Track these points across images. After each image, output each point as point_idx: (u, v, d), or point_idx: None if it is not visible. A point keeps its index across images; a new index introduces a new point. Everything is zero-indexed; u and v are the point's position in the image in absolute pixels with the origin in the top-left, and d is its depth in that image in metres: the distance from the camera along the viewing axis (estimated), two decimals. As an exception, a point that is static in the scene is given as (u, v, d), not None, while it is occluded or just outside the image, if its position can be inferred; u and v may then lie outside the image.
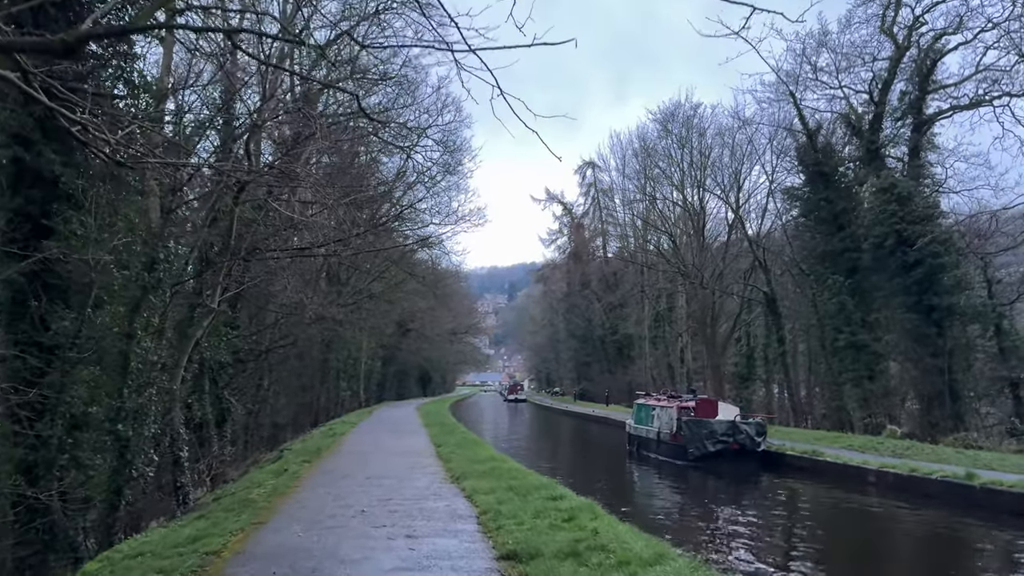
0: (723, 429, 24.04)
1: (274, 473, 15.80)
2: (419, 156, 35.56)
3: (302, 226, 24.54)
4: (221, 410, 21.09)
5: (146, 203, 11.53)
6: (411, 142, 32.78)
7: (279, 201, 23.98)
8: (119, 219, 11.45)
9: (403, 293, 47.90)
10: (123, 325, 10.80)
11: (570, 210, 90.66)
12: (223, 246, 13.57)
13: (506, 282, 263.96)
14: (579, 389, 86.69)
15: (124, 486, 10.89)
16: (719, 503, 19.73)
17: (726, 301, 44.98)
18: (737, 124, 41.54)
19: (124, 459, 10.91)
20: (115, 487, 10.81)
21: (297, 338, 25.90)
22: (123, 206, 11.66)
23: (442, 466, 16.72)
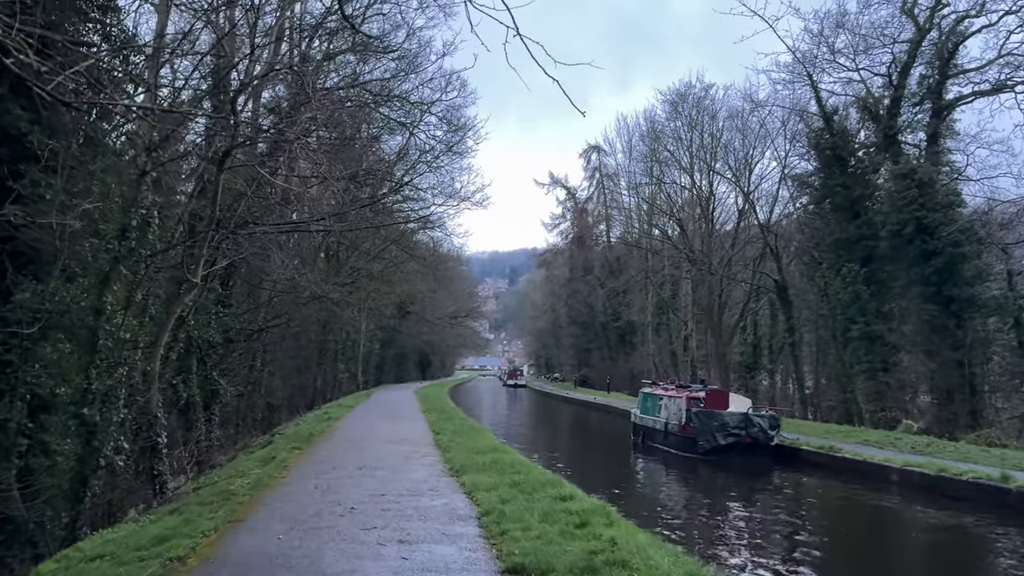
0: (735, 422, 23.02)
1: (261, 461, 14.81)
2: (422, 135, 34.41)
3: (297, 201, 23.48)
4: (209, 392, 20.09)
5: (123, 166, 10.46)
6: (414, 118, 31.58)
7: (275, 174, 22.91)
8: (94, 183, 10.35)
9: (403, 274, 46.90)
10: (91, 299, 9.74)
11: (574, 195, 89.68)
12: (209, 217, 12.48)
13: (507, 267, 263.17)
14: (579, 375, 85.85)
15: (90, 476, 9.87)
16: (731, 500, 18.75)
17: (733, 289, 43.90)
18: (750, 106, 40.27)
19: (90, 446, 9.89)
20: (80, 477, 9.81)
21: (292, 318, 24.86)
22: (99, 169, 10.54)
23: (440, 456, 15.72)
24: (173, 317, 12.48)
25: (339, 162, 26.42)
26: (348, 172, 20.15)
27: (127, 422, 11.29)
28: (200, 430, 19.36)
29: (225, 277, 23.36)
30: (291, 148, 20.63)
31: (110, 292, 9.84)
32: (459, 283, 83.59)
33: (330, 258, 39.94)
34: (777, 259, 37.76)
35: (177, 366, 17.90)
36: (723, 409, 23.90)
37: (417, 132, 32.95)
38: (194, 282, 12.52)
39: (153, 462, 12.60)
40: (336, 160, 28.23)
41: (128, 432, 12.22)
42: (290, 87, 22.74)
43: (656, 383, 32.13)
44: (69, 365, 9.92)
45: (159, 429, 12.71)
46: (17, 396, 9.32)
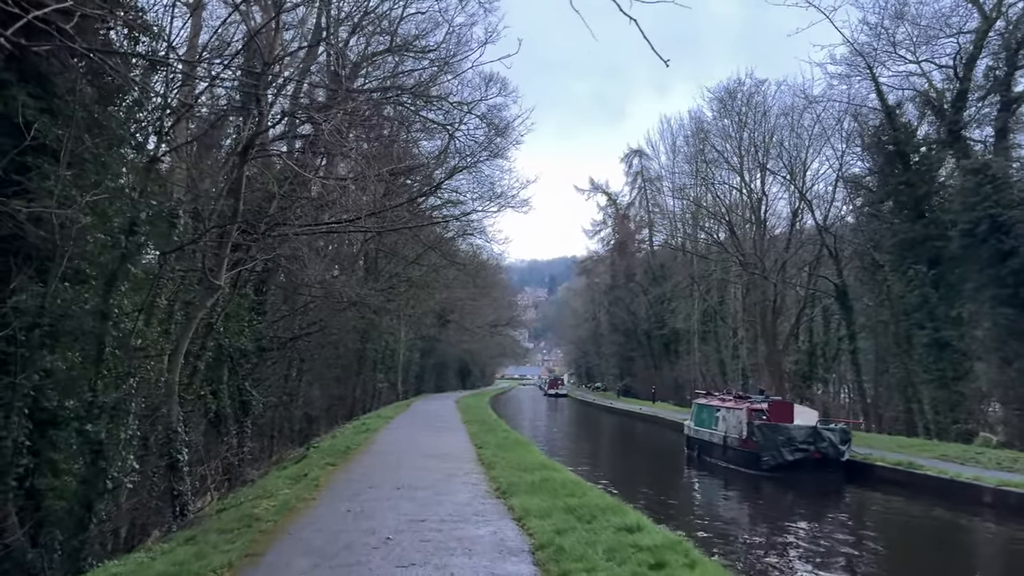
0: (803, 436, 21.28)
1: (291, 479, 13.66)
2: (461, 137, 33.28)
3: (334, 203, 22.47)
4: (241, 403, 19.09)
5: (131, 152, 9.44)
6: (453, 119, 30.48)
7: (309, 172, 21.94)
8: (107, 176, 9.31)
9: (443, 281, 45.82)
10: (96, 301, 8.68)
11: (615, 200, 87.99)
12: (231, 214, 11.41)
13: (546, 275, 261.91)
14: (622, 385, 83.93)
15: (96, 500, 8.80)
16: (802, 523, 17.08)
17: (786, 294, 41.86)
18: (804, 102, 38.36)
19: (96, 466, 8.82)
20: (85, 501, 8.72)
21: (327, 324, 23.84)
22: (111, 160, 9.51)
23: (485, 474, 14.42)
24: (194, 323, 11.41)
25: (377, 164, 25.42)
26: (387, 168, 19.08)
27: (138, 438, 10.22)
28: (231, 444, 18.36)
29: (259, 283, 22.47)
30: (326, 145, 19.66)
31: (117, 294, 8.75)
32: (499, 291, 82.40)
33: (369, 265, 39.00)
34: (836, 261, 35.76)
35: (206, 376, 16.91)
36: (788, 422, 22.18)
37: (457, 134, 31.88)
38: (217, 285, 11.44)
39: (173, 481, 11.52)
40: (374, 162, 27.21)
41: (139, 449, 11.18)
42: (325, 85, 21.83)
43: (711, 393, 30.39)
44: (72, 375, 8.86)
45: (179, 445, 11.63)
46: (15, 410, 8.26)
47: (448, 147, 34.79)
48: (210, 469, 14.38)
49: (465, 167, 33.50)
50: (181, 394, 15.66)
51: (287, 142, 19.60)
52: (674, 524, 16.20)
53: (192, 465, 14.91)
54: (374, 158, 24.28)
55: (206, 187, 13.92)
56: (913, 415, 34.37)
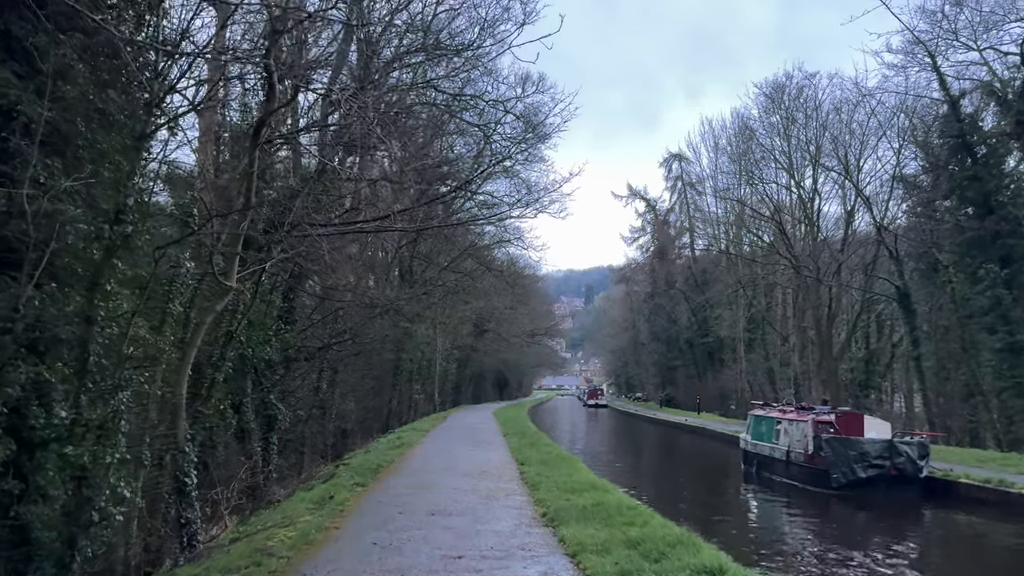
0: (877, 450, 19.36)
1: (315, 503, 12.34)
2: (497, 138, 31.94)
3: (365, 205, 21.26)
4: (267, 417, 17.86)
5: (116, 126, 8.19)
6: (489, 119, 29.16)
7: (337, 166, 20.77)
8: (105, 164, 8.07)
9: (480, 289, 44.56)
10: (79, 302, 7.43)
11: (653, 206, 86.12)
12: (243, 205, 10.16)
13: (582, 285, 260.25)
14: (664, 395, 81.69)
15: (79, 534, 7.51)
16: (883, 548, 15.23)
17: (841, 298, 39.63)
18: (857, 96, 36.30)
19: (79, 495, 7.54)
20: (66, 536, 7.44)
21: (358, 333, 22.56)
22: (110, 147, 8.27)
23: (529, 496, 12.96)
24: (202, 329, 10.17)
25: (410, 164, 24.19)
26: (420, 163, 17.84)
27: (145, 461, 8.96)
28: (256, 462, 17.13)
29: (287, 290, 21.32)
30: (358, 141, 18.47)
31: (101, 293, 7.49)
32: (536, 300, 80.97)
33: (403, 272, 37.86)
34: (897, 263, 33.57)
35: (226, 389, 15.70)
36: (858, 435, 20.29)
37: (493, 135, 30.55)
38: (228, 287, 10.18)
39: (181, 508, 10.26)
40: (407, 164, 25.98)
41: (153, 470, 9.94)
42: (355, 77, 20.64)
43: (769, 404, 28.41)
44: (57, 388, 7.61)
45: (187, 467, 10.38)
46: (-14, 429, 7.01)
47: (484, 149, 33.56)
48: (229, 491, 13.11)
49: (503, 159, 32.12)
50: (199, 408, 14.49)
51: (318, 136, 18.42)
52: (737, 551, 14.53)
53: (209, 487, 13.70)
54: (407, 159, 23.14)
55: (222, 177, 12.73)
56: (979, 426, 32.08)
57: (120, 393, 7.94)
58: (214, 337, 15.88)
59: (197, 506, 10.66)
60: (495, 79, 29.88)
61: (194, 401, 15.45)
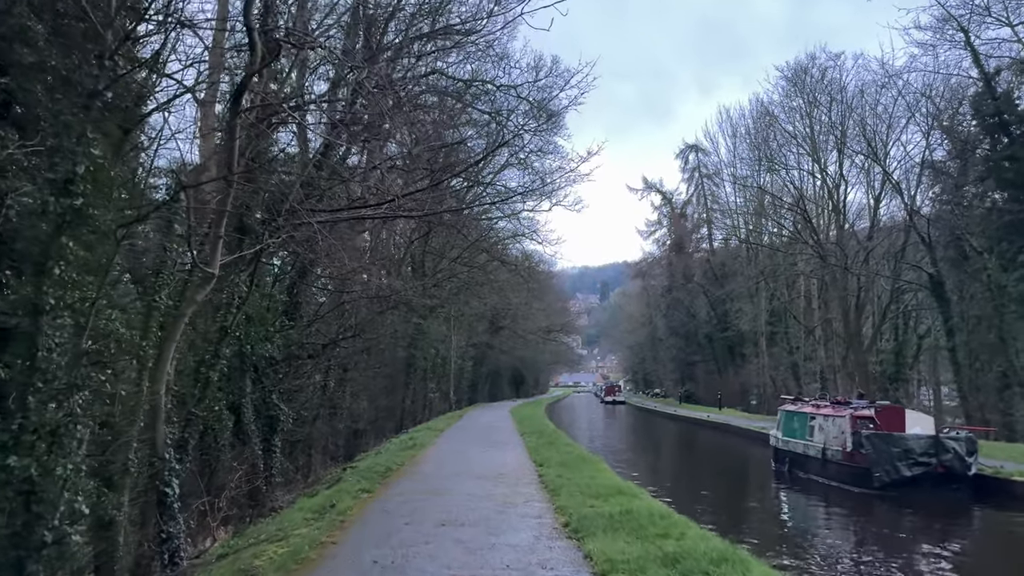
0: (923, 447, 18.05)
1: (314, 512, 11.25)
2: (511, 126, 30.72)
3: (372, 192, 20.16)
4: (268, 418, 16.81)
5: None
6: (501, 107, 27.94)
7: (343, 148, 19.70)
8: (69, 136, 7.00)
9: (495, 285, 43.43)
10: (27, 289, 6.37)
11: (670, 199, 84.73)
12: (225, 180, 9.08)
13: (597, 282, 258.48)
14: (683, 391, 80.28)
15: (28, 558, 6.45)
16: (932, 555, 13.97)
17: (869, 288, 38.08)
18: (883, 77, 34.79)
19: (29, 512, 6.47)
20: (13, 560, 6.38)
21: (366, 329, 21.47)
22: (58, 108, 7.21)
23: (549, 502, 11.80)
24: (181, 323, 9.09)
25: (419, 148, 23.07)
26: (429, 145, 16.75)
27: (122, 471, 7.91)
28: (257, 466, 16.09)
29: (291, 284, 20.29)
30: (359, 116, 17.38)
31: (50, 278, 6.41)
32: (552, 296, 79.73)
33: (415, 267, 36.77)
34: (930, 250, 32.05)
35: (222, 388, 14.67)
36: (900, 430, 18.97)
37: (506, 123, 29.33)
38: (210, 274, 9.11)
39: (161, 521, 9.19)
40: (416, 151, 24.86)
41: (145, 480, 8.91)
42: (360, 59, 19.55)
43: (800, 399, 27.03)
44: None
45: (169, 476, 9.32)
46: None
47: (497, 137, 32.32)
48: (221, 501, 12.05)
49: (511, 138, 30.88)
50: (191, 410, 13.46)
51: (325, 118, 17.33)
52: (775, 558, 13.34)
53: (203, 495, 12.67)
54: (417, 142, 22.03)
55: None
56: (1014, 419, 30.61)
57: (77, 394, 6.86)
58: (208, 333, 14.85)
59: (180, 519, 9.60)
60: (507, 65, 28.70)
61: (186, 403, 14.39)
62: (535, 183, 27.94)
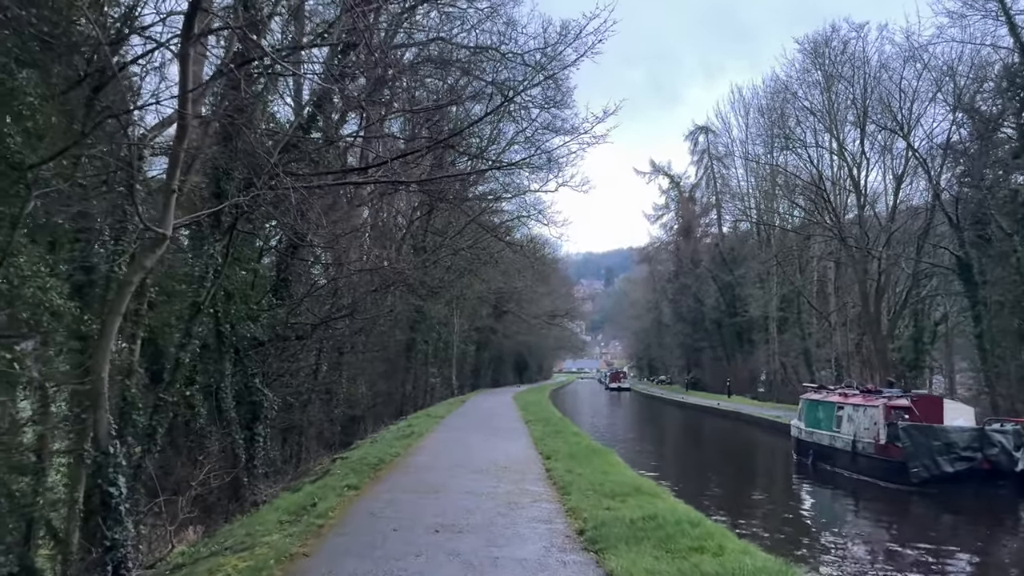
0: (966, 440, 16.58)
1: (291, 514, 9.87)
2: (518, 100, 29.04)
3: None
4: (251, 404, 15.41)
5: None
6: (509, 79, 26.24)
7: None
8: None
9: (499, 268, 41.99)
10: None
11: (678, 183, 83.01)
12: (179, 128, 7.62)
13: (602, 268, 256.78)
14: (690, 378, 78.89)
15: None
16: (979, 561, 12.52)
17: (890, 271, 36.44)
18: (908, 50, 33.00)
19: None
20: None
21: (358, 308, 19.99)
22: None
23: (559, 502, 10.40)
24: (127, 292, 7.65)
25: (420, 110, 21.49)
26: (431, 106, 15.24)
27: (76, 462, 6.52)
28: (239, 457, 14.72)
29: (281, 260, 18.82)
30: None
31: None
32: (557, 280, 78.28)
33: (417, 249, 35.30)
34: (958, 231, 30.41)
35: (195, 371, 13.31)
36: (937, 421, 17.50)
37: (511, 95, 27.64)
38: (160, 235, 7.66)
39: (105, 526, 7.78)
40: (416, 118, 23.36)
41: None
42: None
43: (824, 387, 25.48)
44: None
45: (114, 473, 7.91)
46: None
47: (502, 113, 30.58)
48: (184, 499, 10.63)
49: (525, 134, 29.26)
50: (160, 396, 12.12)
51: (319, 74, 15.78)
52: (809, 566, 11.95)
53: (169, 491, 11.28)
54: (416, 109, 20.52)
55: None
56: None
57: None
58: (180, 310, 13.45)
59: (129, 522, 8.20)
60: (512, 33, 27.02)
61: (155, 387, 13.06)
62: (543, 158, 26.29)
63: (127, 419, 11.34)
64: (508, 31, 26.56)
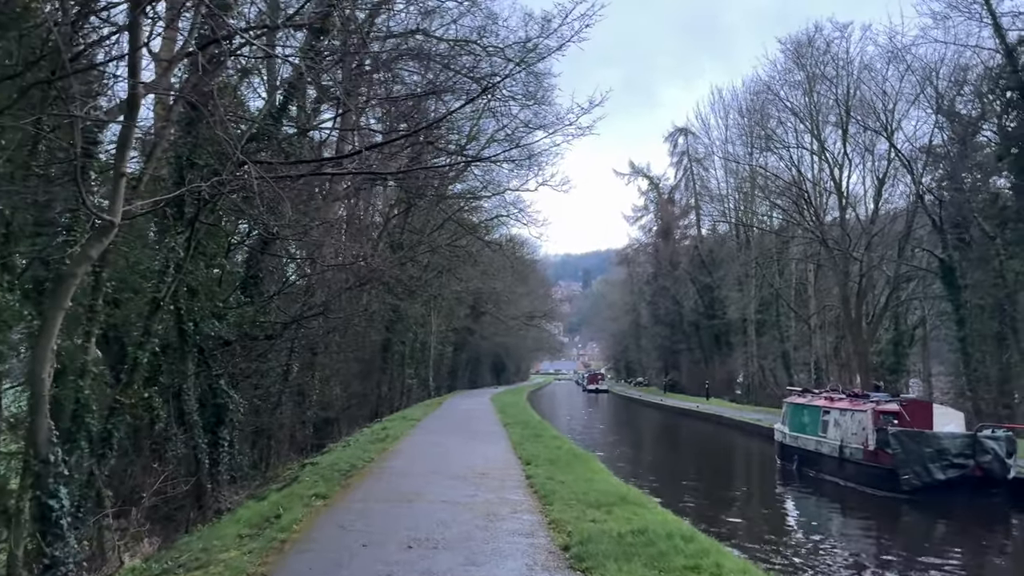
0: (959, 447, 16.17)
1: (252, 526, 9.15)
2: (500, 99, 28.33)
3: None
4: (216, 407, 14.60)
5: None
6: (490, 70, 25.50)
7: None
8: None
9: (478, 267, 41.27)
10: None
11: (657, 184, 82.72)
12: (129, 101, 6.89)
13: (580, 270, 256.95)
14: (668, 380, 78.68)
15: None
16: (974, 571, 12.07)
17: (871, 274, 36.23)
18: (890, 52, 32.84)
19: None
20: None
21: (330, 307, 19.22)
22: None
23: (541, 513, 9.77)
24: (69, 286, 6.89)
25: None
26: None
27: None
28: (203, 464, 13.91)
29: (251, 256, 18.03)
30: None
31: None
32: (535, 281, 77.74)
33: (395, 248, 34.55)
34: (941, 233, 30.23)
35: (156, 372, 12.52)
36: (926, 427, 17.10)
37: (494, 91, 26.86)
38: (107, 222, 6.93)
39: (45, 543, 7.03)
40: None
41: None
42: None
43: (808, 391, 25.05)
44: None
45: (55, 484, 7.16)
46: None
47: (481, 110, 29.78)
48: (139, 510, 9.85)
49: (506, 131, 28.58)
50: (117, 398, 11.33)
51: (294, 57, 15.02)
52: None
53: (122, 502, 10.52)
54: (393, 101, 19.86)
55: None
56: (1014, 410, 29.23)
57: None
58: (138, 307, 12.65)
59: (72, 538, 7.44)
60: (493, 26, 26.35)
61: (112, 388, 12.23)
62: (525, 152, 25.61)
63: (80, 423, 10.59)
64: (489, 25, 25.89)
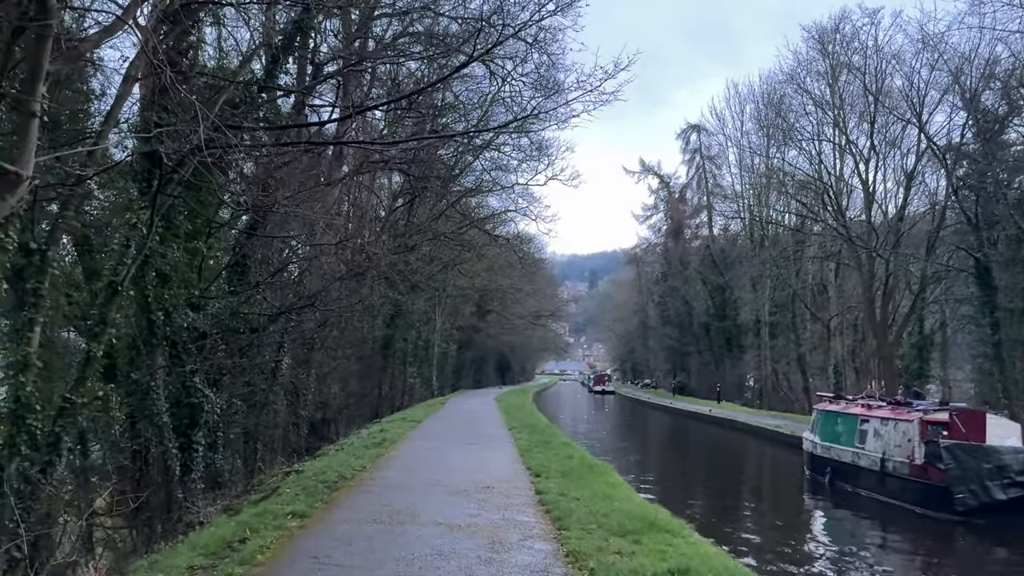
0: (1021, 463, 14.53)
1: (210, 555, 7.57)
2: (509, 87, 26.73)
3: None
4: (189, 407, 13.04)
5: None
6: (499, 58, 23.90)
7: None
8: None
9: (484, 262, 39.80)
10: None
11: (667, 183, 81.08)
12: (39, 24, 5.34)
13: (586, 270, 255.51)
14: (677, 382, 76.96)
15: None
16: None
17: (898, 274, 34.47)
18: (920, 40, 31.06)
19: None
20: None
21: (321, 297, 17.60)
22: None
23: (555, 540, 8.19)
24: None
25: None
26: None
27: None
28: (173, 470, 12.37)
29: (237, 240, 16.47)
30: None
31: None
32: (542, 280, 76.21)
33: (397, 236, 33.04)
34: (976, 231, 28.47)
35: (114, 367, 10.99)
36: (979, 439, 15.44)
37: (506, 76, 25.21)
38: (14, 174, 5.40)
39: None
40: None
41: None
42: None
43: (841, 397, 23.27)
44: None
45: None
46: None
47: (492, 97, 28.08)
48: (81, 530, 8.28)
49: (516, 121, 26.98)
50: (66, 395, 9.87)
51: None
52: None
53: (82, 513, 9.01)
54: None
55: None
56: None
57: None
58: (93, 291, 11.12)
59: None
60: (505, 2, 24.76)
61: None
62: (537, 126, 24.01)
63: (20, 425, 9.12)
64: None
